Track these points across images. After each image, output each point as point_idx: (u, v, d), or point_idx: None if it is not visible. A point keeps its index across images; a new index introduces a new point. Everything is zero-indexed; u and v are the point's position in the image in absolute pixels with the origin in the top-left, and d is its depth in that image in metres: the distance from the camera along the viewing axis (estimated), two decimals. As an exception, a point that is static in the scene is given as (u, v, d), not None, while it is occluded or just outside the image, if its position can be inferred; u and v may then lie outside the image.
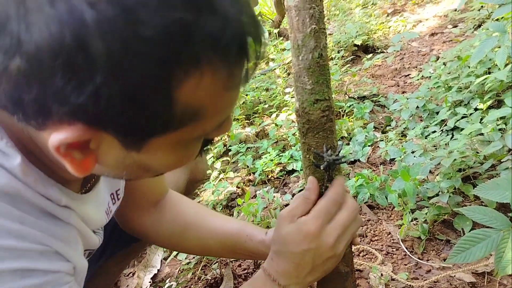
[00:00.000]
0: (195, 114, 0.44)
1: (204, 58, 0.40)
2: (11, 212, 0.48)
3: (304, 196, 0.72)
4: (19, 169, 0.48)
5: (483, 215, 1.00)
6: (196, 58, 0.40)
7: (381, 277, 1.27)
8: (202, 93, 0.42)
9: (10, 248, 0.47)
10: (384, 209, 1.63)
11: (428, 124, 2.04)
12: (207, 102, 0.44)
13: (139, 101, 0.39)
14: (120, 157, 0.47)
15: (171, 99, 0.41)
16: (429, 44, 3.35)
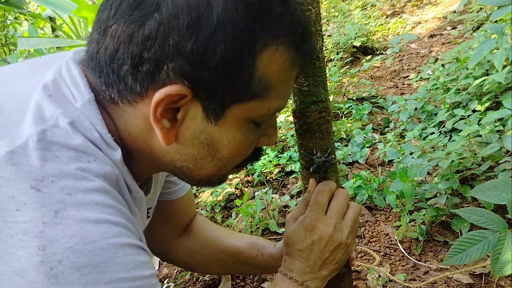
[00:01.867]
0: (266, 87, 0.52)
1: (280, 35, 0.50)
2: (117, 196, 0.53)
3: (305, 199, 0.76)
4: (121, 161, 0.54)
5: (480, 216, 1.00)
6: (274, 33, 0.49)
7: (378, 278, 1.27)
8: (274, 67, 0.51)
9: (126, 226, 0.50)
10: (382, 210, 1.64)
11: (426, 126, 2.04)
12: (276, 78, 0.52)
13: (230, 62, 0.48)
14: (198, 130, 0.54)
15: (253, 65, 0.49)
16: (428, 45, 3.36)
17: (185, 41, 0.46)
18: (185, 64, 0.47)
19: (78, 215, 0.45)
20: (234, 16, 0.46)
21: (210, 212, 1.84)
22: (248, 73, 0.50)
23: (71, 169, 0.47)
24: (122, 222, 0.49)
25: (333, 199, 0.73)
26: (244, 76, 0.50)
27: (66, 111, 0.51)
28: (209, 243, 0.98)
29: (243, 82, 0.50)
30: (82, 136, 0.50)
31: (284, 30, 0.50)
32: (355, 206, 0.75)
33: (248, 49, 0.48)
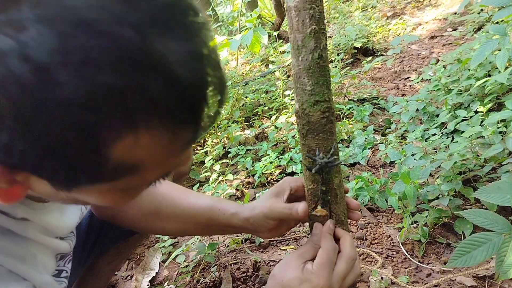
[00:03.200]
0: (131, 169, 0.40)
1: (140, 122, 0.36)
2: None
3: (314, 242, 0.73)
4: None
5: (484, 218, 0.99)
6: (129, 122, 0.35)
7: (381, 281, 1.26)
8: (139, 151, 0.38)
9: None
10: (384, 212, 1.63)
11: (428, 127, 2.03)
12: (146, 158, 0.40)
13: (60, 157, 0.36)
14: (52, 192, 0.43)
15: (99, 157, 0.37)
16: (428, 47, 3.35)
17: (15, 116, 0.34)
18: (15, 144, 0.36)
19: None
20: (43, 122, 0.32)
21: (210, 214, 1.83)
22: (93, 166, 0.38)
23: None
24: None
25: (341, 261, 0.71)
26: (87, 169, 0.38)
27: None
28: (164, 205, 0.93)
29: (87, 173, 0.39)
30: None
31: (147, 115, 0.36)
32: (356, 268, 0.73)
33: (83, 149, 0.35)
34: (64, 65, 0.30)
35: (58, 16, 0.30)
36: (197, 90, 0.38)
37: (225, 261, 1.50)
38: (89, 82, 0.31)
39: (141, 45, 0.32)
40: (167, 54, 0.34)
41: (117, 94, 0.33)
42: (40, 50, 0.29)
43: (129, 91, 0.33)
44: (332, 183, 0.76)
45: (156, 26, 0.33)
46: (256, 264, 1.44)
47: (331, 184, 0.76)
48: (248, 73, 3.75)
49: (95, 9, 0.30)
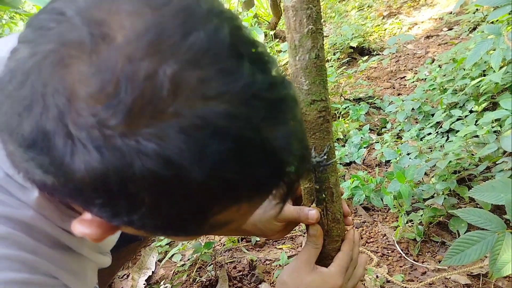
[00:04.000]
0: (222, 225, 0.45)
1: (244, 199, 0.41)
2: (27, 242, 0.48)
3: (316, 245, 0.77)
4: (36, 202, 0.49)
5: (478, 217, 1.00)
6: (236, 200, 0.41)
7: (376, 279, 1.27)
8: (235, 215, 0.44)
9: (24, 281, 0.46)
10: (379, 210, 1.63)
11: (423, 126, 2.04)
12: (237, 217, 0.45)
13: (170, 225, 0.41)
14: None
15: (202, 223, 0.42)
16: (424, 46, 3.37)
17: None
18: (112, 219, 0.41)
19: None
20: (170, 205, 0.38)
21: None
22: (196, 230, 0.44)
23: None
24: (20, 278, 0.46)
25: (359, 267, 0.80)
26: (190, 232, 0.44)
27: None
28: None
29: (189, 230, 0.44)
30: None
31: (252, 195, 0.41)
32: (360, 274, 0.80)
33: (195, 220, 0.41)
34: (199, 167, 0.35)
35: (194, 126, 0.34)
36: (293, 167, 0.42)
37: (221, 260, 1.50)
38: (215, 179, 0.36)
39: (259, 142, 0.37)
40: (277, 145, 0.38)
41: (234, 186, 0.38)
42: (179, 155, 0.34)
43: (244, 182, 0.38)
44: (328, 182, 0.76)
45: (270, 121, 0.38)
46: (252, 263, 1.45)
47: (327, 183, 0.76)
48: (245, 72, 3.74)
49: (223, 117, 0.35)
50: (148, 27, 0.34)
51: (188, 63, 0.34)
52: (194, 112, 0.34)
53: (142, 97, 0.33)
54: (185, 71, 0.34)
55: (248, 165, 0.37)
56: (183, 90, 0.34)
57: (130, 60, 0.33)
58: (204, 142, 0.34)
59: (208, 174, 0.35)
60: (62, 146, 0.34)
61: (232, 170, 0.36)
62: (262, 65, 0.39)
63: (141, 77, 0.33)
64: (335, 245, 0.81)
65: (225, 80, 0.35)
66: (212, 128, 0.34)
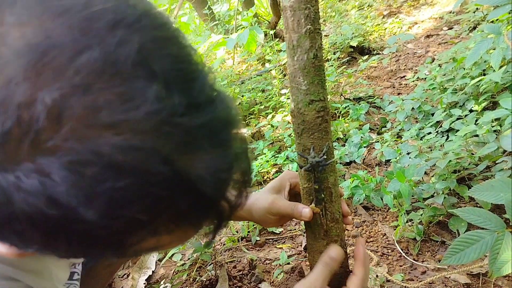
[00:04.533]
0: (150, 250, 0.42)
1: (162, 231, 0.37)
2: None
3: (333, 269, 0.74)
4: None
5: (477, 216, 1.00)
6: (152, 233, 0.37)
7: (376, 278, 1.27)
8: (160, 242, 0.40)
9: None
10: (379, 210, 1.63)
11: (423, 126, 2.04)
12: (166, 245, 0.42)
13: (84, 256, 0.40)
14: None
15: (123, 252, 0.38)
16: (424, 46, 3.36)
17: None
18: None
19: None
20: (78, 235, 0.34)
21: (207, 212, 1.84)
22: (117, 254, 0.39)
23: None
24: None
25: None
26: (111, 255, 0.40)
27: None
28: None
29: (110, 256, 0.40)
30: None
31: (172, 226, 0.37)
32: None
33: (116, 247, 0.37)
34: (90, 208, 0.31)
35: (80, 161, 0.30)
36: (219, 197, 0.38)
37: (221, 259, 1.50)
38: (113, 219, 0.32)
39: (170, 175, 0.32)
40: (194, 177, 0.34)
41: (141, 224, 0.34)
42: (65, 194, 0.30)
43: (154, 219, 0.34)
44: (327, 181, 0.76)
45: (188, 150, 0.33)
46: (252, 263, 1.45)
47: (325, 183, 0.76)
48: (245, 72, 3.75)
49: (119, 150, 0.30)
50: (32, 43, 0.29)
51: (74, 88, 0.29)
52: (81, 146, 0.30)
53: (17, 127, 0.29)
54: (70, 98, 0.29)
55: (156, 201, 0.33)
56: (66, 121, 0.29)
57: (6, 84, 0.29)
58: (94, 180, 0.30)
59: (103, 214, 0.32)
60: None
61: (135, 208, 0.32)
62: (184, 83, 0.33)
63: (15, 104, 0.29)
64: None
65: (123, 107, 0.30)
66: (103, 164, 0.30)
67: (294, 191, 0.88)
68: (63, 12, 0.30)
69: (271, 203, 0.84)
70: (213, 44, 2.79)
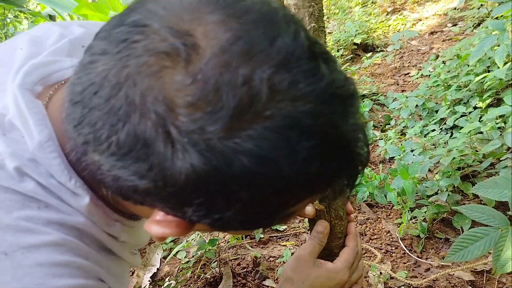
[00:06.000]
0: (289, 216, 0.47)
1: (319, 191, 0.44)
2: (80, 247, 0.49)
3: (320, 241, 0.78)
4: (86, 209, 0.49)
5: (481, 213, 1.00)
6: (313, 192, 0.44)
7: (380, 276, 1.27)
8: (303, 206, 0.46)
9: (80, 287, 0.47)
10: (383, 207, 1.64)
11: (427, 123, 2.04)
12: (302, 208, 0.48)
13: (251, 222, 0.44)
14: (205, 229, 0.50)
15: (278, 216, 0.44)
16: (428, 42, 3.35)
17: None
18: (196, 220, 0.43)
19: (13, 283, 0.42)
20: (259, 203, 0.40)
21: (211, 210, 1.84)
22: (270, 220, 0.46)
23: (11, 218, 0.43)
24: (78, 284, 0.46)
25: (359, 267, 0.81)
26: (264, 223, 0.47)
27: (15, 152, 0.45)
28: None
29: (261, 225, 0.48)
30: (33, 181, 0.46)
31: (334, 186, 0.45)
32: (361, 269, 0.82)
33: (281, 208, 0.43)
34: (291, 163, 0.37)
35: (285, 125, 0.36)
36: (361, 157, 0.44)
37: (226, 257, 1.51)
38: (303, 174, 0.38)
39: (337, 137, 0.39)
40: (350, 138, 0.41)
41: (315, 180, 0.40)
42: (274, 153, 0.36)
43: (323, 175, 0.41)
44: (331, 179, 0.77)
45: (344, 116, 0.40)
46: (256, 260, 1.45)
47: (330, 180, 0.77)
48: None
49: (309, 115, 0.37)
50: (236, 35, 0.36)
51: (278, 67, 0.36)
52: (286, 113, 0.36)
53: (241, 102, 0.35)
54: (277, 74, 0.36)
55: (328, 159, 0.39)
56: (277, 93, 0.35)
57: (226, 68, 0.34)
58: (295, 140, 0.36)
59: (298, 169, 0.38)
60: (163, 151, 0.36)
61: (316, 165, 0.39)
62: (332, 63, 0.40)
63: (240, 83, 0.34)
64: (338, 242, 0.81)
65: (310, 81, 0.37)
66: (300, 127, 0.36)
67: None
68: (247, 10, 0.38)
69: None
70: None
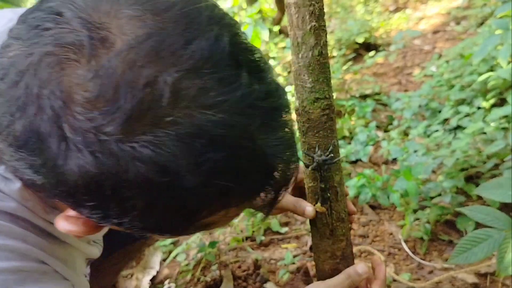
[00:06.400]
0: (207, 226, 0.46)
1: (233, 203, 0.43)
2: (13, 230, 0.48)
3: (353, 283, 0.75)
4: (19, 194, 0.48)
5: (485, 215, 0.98)
6: (226, 205, 0.42)
7: (382, 278, 1.26)
8: (222, 218, 0.45)
9: (15, 270, 0.47)
10: (386, 209, 1.62)
11: (430, 123, 2.02)
12: (224, 220, 0.46)
13: (158, 228, 0.42)
14: None
15: (191, 226, 0.43)
16: (431, 41, 3.33)
17: None
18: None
19: None
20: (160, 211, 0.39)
21: (212, 211, 1.83)
22: (184, 229, 0.44)
23: None
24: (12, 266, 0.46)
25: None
26: (177, 231, 0.45)
27: None
28: None
29: (175, 233, 0.46)
30: None
31: (241, 202, 0.43)
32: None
33: (182, 224, 0.42)
34: (194, 175, 0.35)
35: (190, 134, 0.34)
36: (282, 173, 0.43)
37: (226, 259, 1.50)
38: (208, 186, 0.37)
39: (252, 150, 0.38)
40: (268, 152, 0.39)
41: (226, 192, 0.38)
42: (175, 163, 0.34)
43: (236, 188, 0.39)
44: (332, 180, 0.75)
45: (264, 129, 0.38)
46: (257, 263, 1.44)
47: (331, 182, 0.75)
48: (250, 69, 3.73)
49: (220, 126, 0.35)
50: (149, 33, 0.34)
51: (188, 71, 0.34)
52: (192, 121, 0.34)
53: (141, 104, 0.33)
54: (185, 79, 0.34)
55: (241, 172, 0.38)
56: (182, 99, 0.34)
57: (130, 66, 0.33)
58: (200, 150, 0.35)
59: (202, 181, 0.36)
60: (55, 148, 0.34)
61: (226, 178, 0.37)
62: (259, 73, 0.39)
63: (141, 84, 0.33)
64: (340, 244, 0.80)
65: (223, 90, 0.35)
66: (208, 137, 0.35)
67: (298, 185, 0.87)
68: (168, 7, 0.36)
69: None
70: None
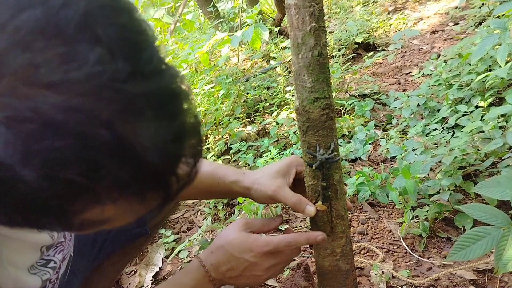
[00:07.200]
0: (99, 223, 0.40)
1: (105, 199, 0.36)
2: None
3: (269, 222, 0.82)
4: None
5: (483, 212, 1.00)
6: (95, 200, 0.36)
7: (382, 275, 1.27)
8: (106, 215, 0.39)
9: None
10: (385, 207, 1.63)
11: (429, 122, 2.03)
12: (114, 217, 0.40)
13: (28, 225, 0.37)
14: None
15: (69, 222, 0.37)
16: (430, 41, 3.34)
17: None
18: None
19: None
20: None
21: (212, 209, 1.85)
22: (64, 223, 0.39)
23: None
24: None
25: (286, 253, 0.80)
26: (58, 226, 0.40)
27: None
28: None
29: (58, 227, 0.40)
30: None
31: (116, 194, 0.36)
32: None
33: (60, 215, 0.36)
34: (27, 167, 0.30)
35: (18, 118, 0.29)
36: (166, 170, 0.37)
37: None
38: (52, 180, 0.32)
39: (110, 139, 0.32)
40: (138, 145, 0.33)
41: (82, 188, 0.33)
42: (2, 152, 0.30)
43: (95, 184, 0.33)
44: (332, 178, 0.77)
45: (131, 118, 0.33)
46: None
47: (331, 180, 0.77)
48: (249, 69, 3.75)
49: (59, 109, 0.30)
50: None
51: (13, 45, 0.29)
52: (18, 103, 0.29)
53: None
54: (8, 54, 0.29)
55: (95, 165, 0.32)
56: (3, 76, 0.29)
57: None
58: (31, 137, 0.30)
59: (40, 174, 0.31)
60: None
61: (72, 171, 0.32)
62: (131, 52, 0.33)
63: None
64: (340, 241, 0.81)
65: (63, 67, 0.30)
66: (41, 122, 0.30)
67: (298, 178, 0.88)
68: None
69: (274, 190, 0.84)
70: (218, 41, 2.79)
